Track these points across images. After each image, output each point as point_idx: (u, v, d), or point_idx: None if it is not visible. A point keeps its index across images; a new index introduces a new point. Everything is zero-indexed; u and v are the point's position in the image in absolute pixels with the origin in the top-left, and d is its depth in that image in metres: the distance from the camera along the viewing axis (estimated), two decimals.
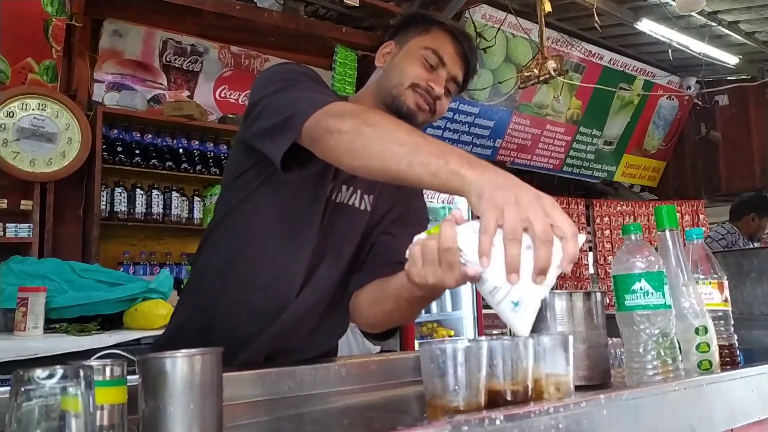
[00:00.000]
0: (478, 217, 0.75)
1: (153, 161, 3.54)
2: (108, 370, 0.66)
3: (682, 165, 6.51)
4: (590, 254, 5.86)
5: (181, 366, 0.69)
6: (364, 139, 0.90)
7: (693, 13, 3.96)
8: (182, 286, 3.19)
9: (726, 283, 1.10)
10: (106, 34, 3.56)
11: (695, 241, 1.12)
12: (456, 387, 0.66)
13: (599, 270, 5.69)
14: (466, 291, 4.74)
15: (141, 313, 2.60)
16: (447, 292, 4.70)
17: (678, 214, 5.34)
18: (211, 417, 0.71)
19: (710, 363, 0.98)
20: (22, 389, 0.52)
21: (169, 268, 3.61)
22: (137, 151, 3.51)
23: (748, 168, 6.03)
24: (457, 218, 0.80)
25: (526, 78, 3.52)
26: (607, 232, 5.72)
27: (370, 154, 0.89)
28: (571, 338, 0.81)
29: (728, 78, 5.73)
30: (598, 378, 1.04)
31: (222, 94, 4.15)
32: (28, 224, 3.04)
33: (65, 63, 3.34)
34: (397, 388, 1.16)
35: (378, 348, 3.21)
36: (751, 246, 3.77)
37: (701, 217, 6.24)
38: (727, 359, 1.05)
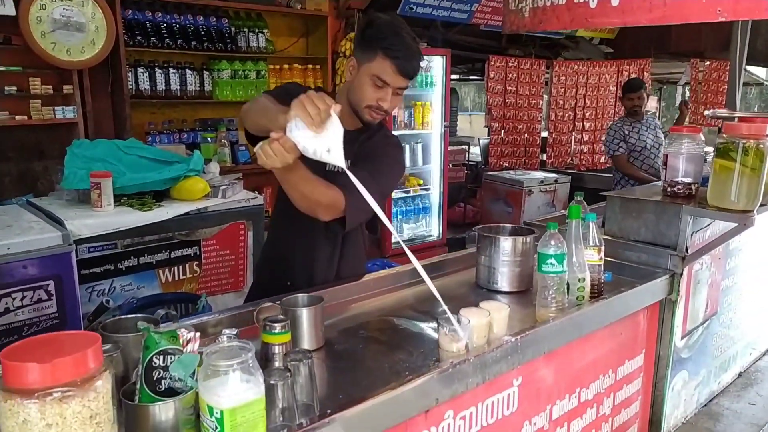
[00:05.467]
0: None
1: (167, 41, 3.91)
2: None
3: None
4: (544, 103, 6.61)
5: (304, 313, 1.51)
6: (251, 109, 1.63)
7: None
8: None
9: (603, 247, 1.94)
10: None
11: (590, 222, 1.93)
12: None
13: (550, 126, 6.51)
14: (435, 149, 5.48)
15: (184, 189, 3.31)
16: (419, 149, 5.45)
17: (629, 68, 6.06)
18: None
19: (583, 297, 1.86)
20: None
21: (186, 135, 4.22)
22: (151, 32, 3.86)
23: (695, 31, 6.58)
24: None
25: None
26: (563, 90, 6.40)
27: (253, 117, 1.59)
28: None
29: None
30: (524, 286, 2.00)
31: None
32: (72, 106, 3.51)
33: None
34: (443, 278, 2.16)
35: None
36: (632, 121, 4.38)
37: (646, 74, 6.94)
38: (595, 292, 1.92)
